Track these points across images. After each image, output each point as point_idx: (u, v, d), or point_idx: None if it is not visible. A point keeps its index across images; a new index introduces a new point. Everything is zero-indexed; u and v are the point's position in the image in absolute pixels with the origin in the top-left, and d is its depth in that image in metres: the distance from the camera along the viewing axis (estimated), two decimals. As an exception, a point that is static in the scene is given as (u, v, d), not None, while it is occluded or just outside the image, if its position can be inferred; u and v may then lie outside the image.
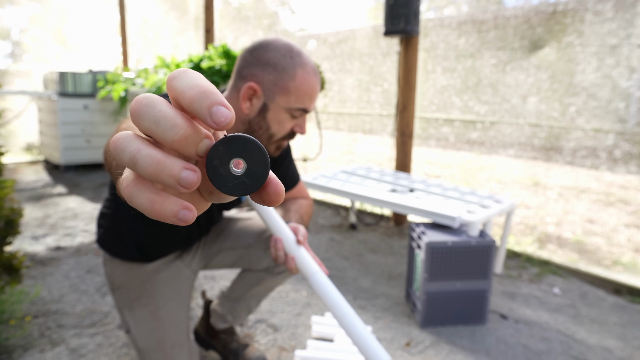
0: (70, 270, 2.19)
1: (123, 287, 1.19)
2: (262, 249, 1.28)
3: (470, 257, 1.69)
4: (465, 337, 1.69)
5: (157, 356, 1.19)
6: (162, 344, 1.19)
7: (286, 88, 0.94)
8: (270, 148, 1.03)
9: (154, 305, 1.19)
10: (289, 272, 1.24)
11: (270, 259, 1.27)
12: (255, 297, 1.40)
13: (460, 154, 4.60)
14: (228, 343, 1.45)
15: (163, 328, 1.18)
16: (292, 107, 0.96)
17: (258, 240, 1.29)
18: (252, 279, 1.36)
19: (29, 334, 1.60)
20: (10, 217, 1.63)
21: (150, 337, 1.19)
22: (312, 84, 0.97)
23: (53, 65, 6.13)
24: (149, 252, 1.17)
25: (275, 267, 1.29)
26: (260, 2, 4.59)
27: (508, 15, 2.79)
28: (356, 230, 2.99)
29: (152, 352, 1.19)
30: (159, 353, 1.19)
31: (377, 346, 0.93)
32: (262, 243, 1.29)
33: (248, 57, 0.96)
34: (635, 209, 3.17)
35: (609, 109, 2.39)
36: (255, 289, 1.37)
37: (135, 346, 1.20)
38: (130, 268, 1.19)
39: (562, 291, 2.14)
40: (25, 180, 4.36)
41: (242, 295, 1.39)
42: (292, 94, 0.95)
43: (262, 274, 1.33)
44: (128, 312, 1.19)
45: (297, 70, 0.94)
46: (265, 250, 1.27)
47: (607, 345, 1.67)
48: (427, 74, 3.30)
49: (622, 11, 2.24)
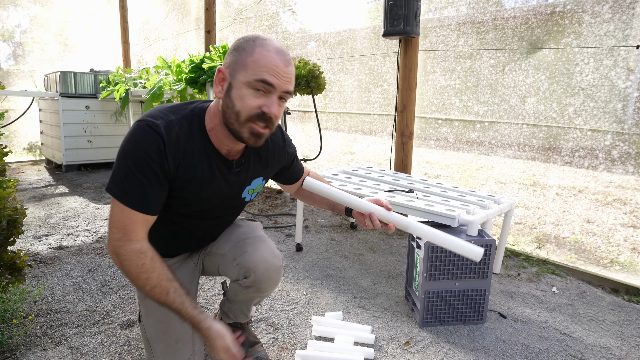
0: (72, 269, 2.21)
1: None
2: (231, 259, 1.29)
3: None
4: (464, 336, 1.70)
5: (161, 347, 1.25)
6: (166, 336, 1.24)
7: (244, 63, 0.99)
8: (243, 132, 1.03)
9: None
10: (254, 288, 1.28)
11: (237, 270, 1.28)
12: (244, 304, 1.42)
13: (460, 154, 4.61)
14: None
15: (169, 320, 1.24)
16: (251, 80, 0.98)
17: (230, 250, 1.30)
18: (232, 288, 1.38)
19: (32, 333, 1.61)
20: (13, 217, 1.65)
21: (156, 327, 1.25)
22: (271, 58, 0.99)
23: (55, 66, 6.15)
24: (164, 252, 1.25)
25: (242, 279, 1.28)
26: (261, 3, 4.61)
27: (507, 17, 2.80)
28: (356, 230, 3.01)
29: (157, 343, 1.25)
30: (163, 344, 1.25)
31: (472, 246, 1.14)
32: (232, 253, 1.29)
33: (228, 53, 1.05)
34: (632, 208, 3.18)
35: (607, 110, 2.40)
36: (238, 297, 1.38)
37: (144, 335, 1.28)
38: None
39: (561, 290, 2.15)
40: (28, 180, 4.38)
41: (232, 300, 1.42)
42: (249, 68, 0.99)
43: (235, 285, 1.34)
44: (141, 302, 1.28)
45: (256, 48, 1.00)
46: (232, 261, 1.28)
47: (605, 343, 1.69)
48: (427, 75, 3.32)
49: (619, 12, 2.26)
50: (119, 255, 1.00)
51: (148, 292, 1.01)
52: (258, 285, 1.28)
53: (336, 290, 2.07)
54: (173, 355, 1.25)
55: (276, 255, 1.29)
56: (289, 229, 2.97)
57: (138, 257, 0.99)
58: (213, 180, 1.13)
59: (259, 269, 1.25)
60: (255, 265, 1.25)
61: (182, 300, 1.01)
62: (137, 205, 1.00)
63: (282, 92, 1.02)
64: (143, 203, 1.01)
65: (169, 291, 1.00)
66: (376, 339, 1.66)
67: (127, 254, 0.99)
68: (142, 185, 1.00)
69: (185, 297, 1.02)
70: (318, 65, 3.25)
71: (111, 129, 5.02)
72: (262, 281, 1.27)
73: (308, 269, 2.30)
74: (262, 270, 1.25)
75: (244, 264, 1.25)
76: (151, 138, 0.99)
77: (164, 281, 1.00)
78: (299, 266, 2.33)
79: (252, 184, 1.24)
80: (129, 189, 0.99)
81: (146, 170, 0.99)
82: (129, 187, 0.99)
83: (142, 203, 1.01)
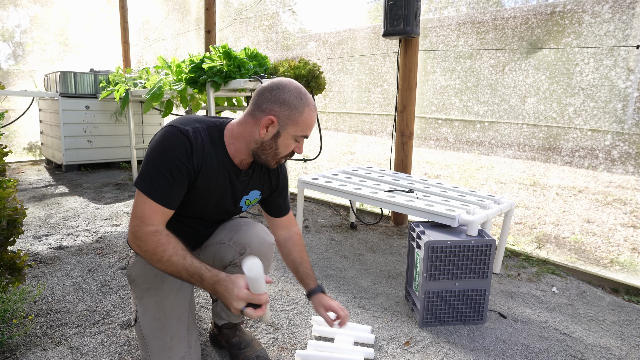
0: (72, 269, 2.21)
1: (139, 279, 1.32)
2: (226, 242, 1.38)
3: (470, 257, 1.71)
4: (464, 336, 1.70)
5: (156, 344, 1.28)
6: (162, 333, 1.28)
7: (296, 121, 1.22)
8: (272, 162, 1.28)
9: (159, 296, 1.29)
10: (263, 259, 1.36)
11: (232, 250, 1.36)
12: None
13: (460, 154, 4.61)
14: (230, 337, 1.51)
15: (165, 318, 1.28)
16: (298, 135, 1.24)
17: (226, 236, 1.39)
18: None
19: (32, 333, 1.61)
20: (13, 217, 1.64)
21: (152, 325, 1.28)
22: (313, 117, 1.25)
23: (55, 66, 6.15)
24: None
25: (238, 257, 1.35)
26: (261, 3, 4.61)
27: (507, 17, 2.80)
28: (356, 230, 3.01)
29: (153, 340, 1.28)
30: (158, 341, 1.28)
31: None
32: (227, 237, 1.39)
33: (268, 95, 1.21)
34: (632, 208, 3.19)
35: (607, 110, 2.40)
36: None
37: (140, 334, 1.31)
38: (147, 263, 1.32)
39: (561, 290, 2.15)
40: (28, 180, 4.38)
41: None
42: (299, 125, 1.22)
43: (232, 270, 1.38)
44: (139, 302, 1.31)
45: (304, 108, 1.22)
46: (228, 242, 1.37)
47: (605, 343, 1.69)
48: (427, 75, 3.32)
49: (619, 12, 2.26)
50: (137, 237, 1.12)
51: (166, 263, 1.10)
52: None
53: (336, 290, 2.07)
54: (169, 352, 1.27)
55: (268, 233, 1.41)
56: (289, 229, 2.97)
57: (153, 235, 1.12)
58: (223, 182, 1.28)
59: (254, 244, 1.35)
60: (249, 240, 1.36)
61: (199, 263, 1.11)
62: (160, 199, 1.13)
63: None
64: (166, 198, 1.14)
65: (186, 256, 1.11)
66: (376, 339, 1.66)
67: (144, 235, 1.12)
68: (168, 182, 1.14)
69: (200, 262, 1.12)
70: (318, 65, 3.25)
71: (111, 129, 5.02)
72: (257, 255, 1.33)
73: (308, 269, 2.30)
74: (257, 245, 1.36)
75: (239, 241, 1.36)
76: (181, 142, 1.15)
77: (180, 250, 1.11)
78: (299, 266, 2.33)
79: (250, 195, 1.38)
80: (156, 185, 1.13)
81: (173, 170, 1.14)
82: (156, 183, 1.13)
83: (166, 198, 1.14)
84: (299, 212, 2.54)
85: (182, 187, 1.18)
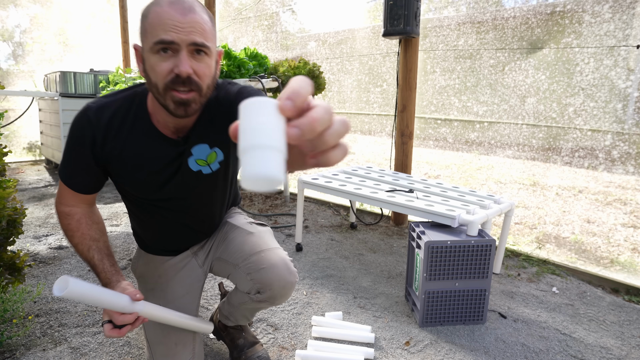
0: (72, 269, 2.20)
1: (142, 277, 1.31)
2: (245, 272, 1.25)
3: (470, 257, 1.70)
4: (464, 336, 1.70)
5: (161, 349, 1.24)
6: (166, 339, 1.24)
7: (144, 30, 0.94)
8: (169, 104, 0.96)
9: (164, 300, 1.25)
10: (268, 302, 1.26)
11: (250, 284, 1.24)
12: (248, 311, 1.39)
13: (459, 154, 4.61)
14: (235, 338, 1.47)
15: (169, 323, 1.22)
16: (152, 45, 0.92)
17: (244, 263, 1.26)
18: (240, 297, 1.33)
19: (31, 333, 1.61)
20: (13, 217, 1.64)
21: (157, 329, 1.25)
22: (164, 13, 0.90)
23: (55, 65, 6.15)
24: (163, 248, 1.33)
25: (255, 294, 1.25)
26: (261, 3, 4.61)
27: (507, 16, 2.80)
28: (356, 230, 3.01)
29: (157, 345, 1.25)
30: (163, 347, 1.24)
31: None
32: (246, 267, 1.26)
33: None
34: (632, 208, 3.18)
35: (607, 110, 2.40)
36: (244, 306, 1.35)
37: (144, 336, 1.29)
38: (151, 260, 1.32)
39: (561, 290, 2.15)
40: (28, 180, 4.38)
41: (236, 306, 1.38)
42: (148, 33, 0.93)
43: (245, 296, 1.30)
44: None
45: (151, 9, 0.93)
46: (246, 275, 1.25)
47: (605, 343, 1.69)
48: (427, 75, 3.32)
49: (619, 12, 2.26)
50: (56, 212, 1.16)
51: (74, 247, 1.12)
52: (272, 300, 1.26)
53: (336, 290, 2.07)
54: (173, 358, 1.24)
55: (292, 272, 1.24)
56: (289, 229, 2.97)
57: (65, 218, 1.13)
58: (155, 161, 1.10)
59: (275, 287, 1.21)
60: (271, 282, 1.21)
61: (101, 257, 1.09)
62: (65, 180, 1.12)
63: (189, 44, 0.91)
64: (70, 180, 1.11)
65: (90, 248, 1.10)
66: (376, 339, 1.66)
67: (59, 213, 1.14)
68: (71, 164, 1.10)
69: (106, 256, 1.10)
70: (318, 65, 3.25)
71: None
72: (276, 297, 1.24)
73: (308, 269, 2.30)
74: (278, 288, 1.22)
75: (260, 281, 1.22)
76: (82, 122, 1.06)
77: (87, 240, 1.11)
78: (299, 266, 2.33)
79: (194, 154, 1.13)
80: (64, 164, 1.11)
81: (75, 151, 1.08)
82: (65, 163, 1.11)
83: (69, 180, 1.11)
84: (299, 212, 2.54)
85: (87, 168, 1.08)
